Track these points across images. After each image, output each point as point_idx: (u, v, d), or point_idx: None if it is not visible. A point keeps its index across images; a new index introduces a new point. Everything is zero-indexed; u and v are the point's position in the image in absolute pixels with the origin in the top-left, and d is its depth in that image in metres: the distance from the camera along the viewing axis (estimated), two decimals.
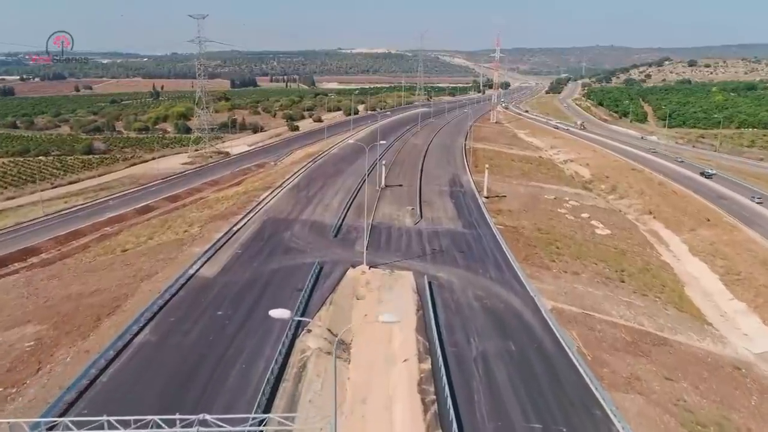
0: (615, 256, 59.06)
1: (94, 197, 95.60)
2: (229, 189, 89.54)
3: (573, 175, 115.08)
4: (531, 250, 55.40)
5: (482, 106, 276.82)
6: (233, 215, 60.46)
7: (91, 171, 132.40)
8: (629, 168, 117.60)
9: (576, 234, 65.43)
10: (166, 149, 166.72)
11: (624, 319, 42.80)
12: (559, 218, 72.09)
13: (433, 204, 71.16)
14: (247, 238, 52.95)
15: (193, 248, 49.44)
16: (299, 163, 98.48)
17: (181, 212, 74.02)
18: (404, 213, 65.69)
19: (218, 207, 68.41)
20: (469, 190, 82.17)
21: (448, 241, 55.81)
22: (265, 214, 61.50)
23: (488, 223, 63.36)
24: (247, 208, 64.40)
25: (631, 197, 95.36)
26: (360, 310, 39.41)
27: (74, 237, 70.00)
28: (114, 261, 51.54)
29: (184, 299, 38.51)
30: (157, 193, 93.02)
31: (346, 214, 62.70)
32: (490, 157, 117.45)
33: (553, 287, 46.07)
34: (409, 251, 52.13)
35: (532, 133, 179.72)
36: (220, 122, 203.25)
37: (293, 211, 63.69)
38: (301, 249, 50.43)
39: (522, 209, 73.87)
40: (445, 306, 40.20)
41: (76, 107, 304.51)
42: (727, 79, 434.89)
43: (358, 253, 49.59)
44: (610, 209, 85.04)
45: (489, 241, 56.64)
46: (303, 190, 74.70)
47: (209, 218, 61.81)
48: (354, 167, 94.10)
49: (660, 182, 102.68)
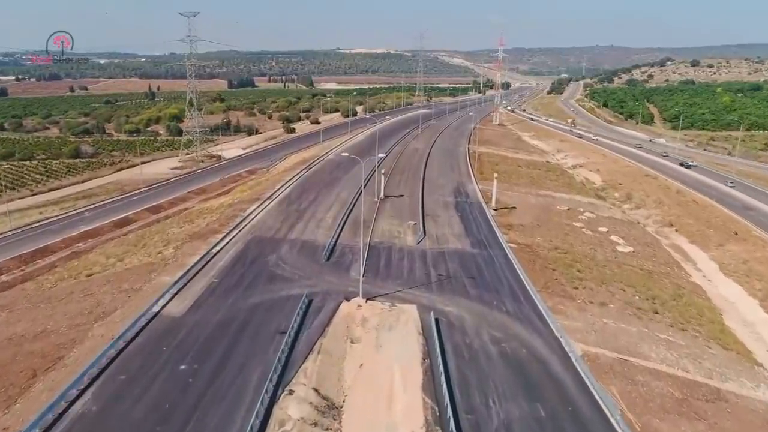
0: (642, 280, 52.52)
1: (71, 207, 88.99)
2: (215, 199, 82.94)
3: (584, 181, 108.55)
4: (550, 275, 48.88)
5: (484, 107, 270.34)
6: (214, 234, 53.83)
7: (76, 176, 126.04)
8: (642, 174, 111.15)
9: (596, 252, 58.89)
10: (156, 152, 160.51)
11: (667, 364, 36.26)
12: (576, 233, 65.55)
13: (437, 218, 64.61)
14: (227, 262, 46.34)
15: (162, 276, 42.81)
16: (292, 170, 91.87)
17: (160, 226, 67.38)
18: (406, 229, 59.13)
19: (200, 222, 61.79)
20: (476, 200, 75.63)
21: (456, 264, 49.27)
22: (249, 233, 54.85)
23: (499, 241, 56.83)
24: (231, 224, 57.78)
25: (648, 207, 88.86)
26: (354, 358, 32.86)
27: (41, 255, 63.30)
28: (75, 289, 44.92)
29: (142, 348, 31.89)
30: (139, 203, 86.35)
31: (340, 231, 56.10)
32: (495, 163, 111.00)
33: (580, 323, 39.53)
34: (411, 277, 45.57)
35: (537, 135, 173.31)
36: (214, 124, 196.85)
37: (282, 228, 57.03)
38: (287, 277, 43.83)
39: (535, 223, 67.32)
40: (456, 353, 33.65)
41: (68, 108, 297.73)
42: (730, 80, 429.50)
43: (353, 280, 43.08)
44: (628, 221, 78.49)
45: (502, 263, 50.11)
46: (294, 202, 68.05)
47: (188, 236, 55.18)
48: (351, 175, 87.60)
49: (678, 190, 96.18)
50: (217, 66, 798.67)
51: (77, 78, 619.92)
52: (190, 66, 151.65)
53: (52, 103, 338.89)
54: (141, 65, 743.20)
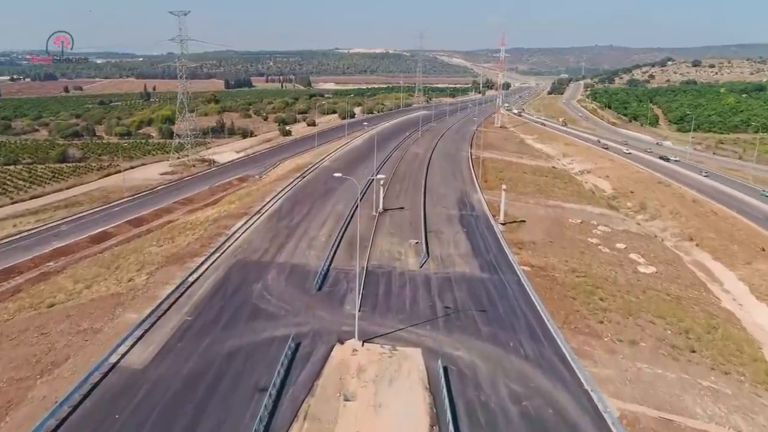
0: (672, 308, 47.02)
1: (49, 218, 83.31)
2: (202, 210, 77.30)
3: (593, 189, 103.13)
4: (570, 305, 43.38)
5: (484, 108, 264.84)
6: (193, 257, 48.16)
7: (60, 183, 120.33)
8: (654, 181, 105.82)
9: (617, 275, 53.41)
10: (147, 156, 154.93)
11: (716, 422, 30.81)
12: (592, 251, 60.07)
13: (441, 235, 59.09)
14: (204, 294, 40.70)
15: (128, 313, 37.19)
16: (285, 178, 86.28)
17: (139, 243, 61.74)
18: (407, 249, 53.60)
19: (180, 241, 56.13)
20: (482, 213, 70.16)
21: (464, 293, 43.75)
22: (233, 255, 49.20)
23: (510, 262, 51.36)
24: (214, 244, 52.16)
25: (664, 218, 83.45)
26: (348, 424, 27.31)
27: (6, 276, 57.54)
28: (31, 325, 39.27)
29: (89, 416, 26.27)
30: (120, 214, 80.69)
31: (334, 253, 50.54)
32: (500, 169, 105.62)
33: (611, 370, 34.05)
34: (415, 311, 40.04)
35: (541, 138, 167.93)
36: (207, 126, 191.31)
37: (269, 248, 51.40)
38: (273, 312, 38.26)
39: (547, 239, 61.83)
40: (470, 415, 28.13)
41: (60, 109, 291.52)
42: (732, 80, 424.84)
43: (348, 316, 37.58)
44: (645, 235, 73.01)
45: (515, 291, 44.60)
46: (285, 217, 62.39)
47: (165, 259, 49.57)
48: (347, 185, 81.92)
49: (694, 199, 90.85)
50: (214, 66, 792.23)
51: (73, 78, 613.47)
52: (181, 67, 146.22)
53: (44, 104, 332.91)
54: (138, 65, 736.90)
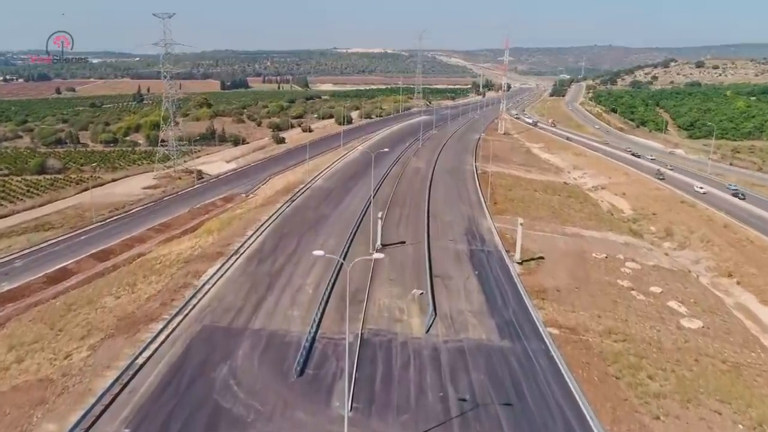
0: (734, 386, 38.35)
1: (7, 248, 74.52)
2: (177, 241, 68.58)
3: (610, 209, 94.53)
4: (614, 390, 34.76)
5: (486, 113, 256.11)
6: (148, 323, 39.27)
7: (35, 198, 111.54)
8: (677, 200, 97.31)
9: (660, 334, 44.75)
10: (132, 166, 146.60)
11: None
12: (626, 299, 51.41)
13: (449, 281, 50.43)
14: (153, 387, 31.74)
15: (46, 424, 28.37)
16: (272, 203, 77.49)
17: (98, 289, 53.00)
18: (410, 304, 44.91)
19: (141, 292, 47.31)
20: (494, 248, 61.47)
21: (482, 373, 35.05)
22: (198, 320, 40.22)
23: (534, 321, 42.73)
24: (179, 300, 43.28)
25: (695, 247, 74.87)
26: None
27: None
28: None
29: None
30: (87, 243, 71.95)
31: (322, 312, 41.78)
32: (508, 187, 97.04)
33: None
34: (422, 406, 31.34)
35: (548, 147, 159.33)
36: (198, 133, 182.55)
37: (245, 307, 42.54)
38: (238, 416, 29.47)
39: (572, 284, 53.21)
40: None
41: (49, 112, 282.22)
42: (737, 81, 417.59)
43: (335, 418, 28.95)
44: (679, 271, 64.36)
45: (546, 370, 35.89)
46: (267, 258, 53.47)
47: (117, 321, 40.77)
48: (340, 210, 73.41)
49: (725, 224, 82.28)
50: (210, 66, 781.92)
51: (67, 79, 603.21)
52: (166, 72, 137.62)
53: (33, 107, 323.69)
54: (134, 65, 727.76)
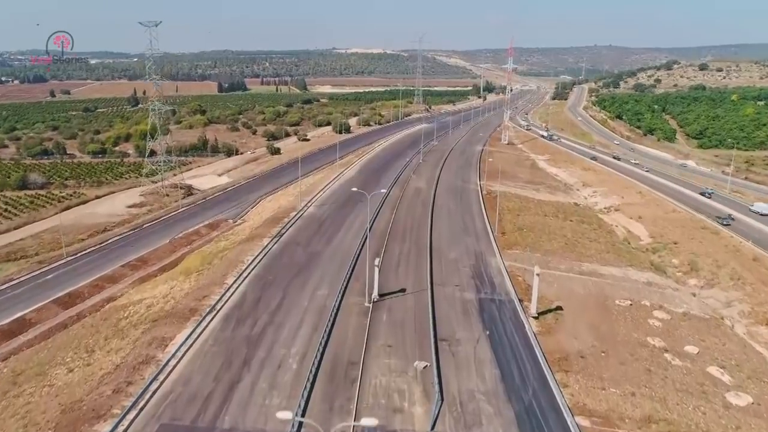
0: None
1: None
2: (152, 283, 61.58)
3: (626, 236, 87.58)
4: None
5: (489, 119, 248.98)
6: (94, 421, 32.20)
7: (13, 219, 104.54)
8: (698, 226, 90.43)
9: (708, 420, 37.86)
10: (119, 180, 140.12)
11: None
12: (661, 366, 44.41)
13: (457, 347, 43.46)
14: None
15: None
16: (259, 236, 70.44)
17: (51, 352, 46.01)
18: (411, 384, 37.93)
19: (97, 364, 40.24)
20: (506, 296, 54.54)
21: None
22: (155, 416, 33.04)
23: (560, 410, 35.75)
24: (137, 383, 36.21)
25: (724, 285, 67.92)
26: None
27: None
28: None
29: None
30: (53, 284, 64.84)
31: (307, 399, 34.81)
32: (516, 212, 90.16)
33: None
34: None
35: (554, 160, 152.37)
36: (189, 144, 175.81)
37: (213, 394, 35.45)
38: None
39: (598, 346, 46.24)
40: None
41: (40, 118, 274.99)
42: (741, 84, 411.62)
43: None
44: (712, 319, 57.42)
45: None
46: (246, 318, 46.44)
47: (58, 419, 33.65)
48: (333, 247, 66.43)
49: (755, 257, 75.40)
50: (209, 67, 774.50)
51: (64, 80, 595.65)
52: (153, 83, 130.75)
53: (24, 111, 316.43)
54: (131, 66, 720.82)
